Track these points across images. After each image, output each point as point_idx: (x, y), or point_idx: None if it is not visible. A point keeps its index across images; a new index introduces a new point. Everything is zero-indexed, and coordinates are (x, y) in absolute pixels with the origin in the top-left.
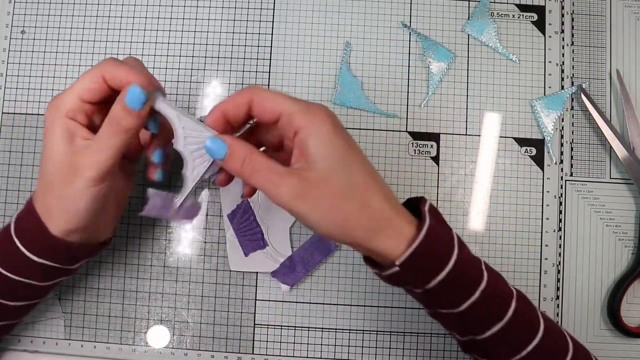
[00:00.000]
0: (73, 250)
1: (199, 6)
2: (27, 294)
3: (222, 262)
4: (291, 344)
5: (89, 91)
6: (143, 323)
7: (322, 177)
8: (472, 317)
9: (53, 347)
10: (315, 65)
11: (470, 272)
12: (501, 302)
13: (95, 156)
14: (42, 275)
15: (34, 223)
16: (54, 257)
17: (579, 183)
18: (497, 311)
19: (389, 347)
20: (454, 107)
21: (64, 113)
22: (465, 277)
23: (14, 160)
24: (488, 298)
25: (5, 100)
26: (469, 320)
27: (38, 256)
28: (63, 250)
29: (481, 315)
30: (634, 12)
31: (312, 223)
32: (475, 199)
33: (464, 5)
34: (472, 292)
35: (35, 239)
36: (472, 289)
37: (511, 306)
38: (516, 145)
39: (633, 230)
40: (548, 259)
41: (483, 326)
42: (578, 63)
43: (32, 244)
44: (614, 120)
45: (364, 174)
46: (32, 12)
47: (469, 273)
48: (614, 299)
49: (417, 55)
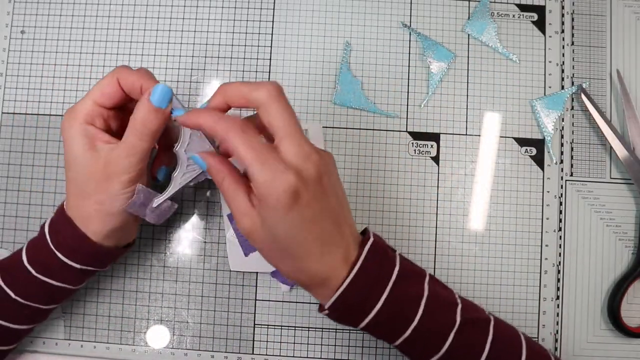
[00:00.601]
0: (109, 253)
1: (199, 6)
2: (61, 297)
3: (222, 262)
4: (291, 344)
5: (104, 95)
6: (143, 323)
7: (265, 233)
8: (408, 351)
9: (53, 347)
10: (315, 65)
11: (401, 310)
12: (437, 336)
13: (128, 159)
14: (77, 280)
15: (72, 232)
16: (93, 261)
17: (579, 183)
18: (433, 345)
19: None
20: (454, 107)
21: (82, 119)
22: (395, 318)
23: (13, 160)
24: (422, 334)
25: (5, 100)
26: (406, 352)
27: (78, 263)
28: (101, 254)
29: (416, 349)
30: (634, 12)
31: None
32: (475, 199)
33: (464, 5)
34: (403, 330)
35: (76, 247)
36: (403, 328)
37: (448, 339)
38: (516, 145)
39: (633, 230)
40: (548, 259)
41: (423, 356)
42: (578, 63)
43: (73, 253)
44: (614, 120)
45: (306, 247)
46: (32, 12)
47: (398, 313)
48: (614, 299)
49: (417, 55)
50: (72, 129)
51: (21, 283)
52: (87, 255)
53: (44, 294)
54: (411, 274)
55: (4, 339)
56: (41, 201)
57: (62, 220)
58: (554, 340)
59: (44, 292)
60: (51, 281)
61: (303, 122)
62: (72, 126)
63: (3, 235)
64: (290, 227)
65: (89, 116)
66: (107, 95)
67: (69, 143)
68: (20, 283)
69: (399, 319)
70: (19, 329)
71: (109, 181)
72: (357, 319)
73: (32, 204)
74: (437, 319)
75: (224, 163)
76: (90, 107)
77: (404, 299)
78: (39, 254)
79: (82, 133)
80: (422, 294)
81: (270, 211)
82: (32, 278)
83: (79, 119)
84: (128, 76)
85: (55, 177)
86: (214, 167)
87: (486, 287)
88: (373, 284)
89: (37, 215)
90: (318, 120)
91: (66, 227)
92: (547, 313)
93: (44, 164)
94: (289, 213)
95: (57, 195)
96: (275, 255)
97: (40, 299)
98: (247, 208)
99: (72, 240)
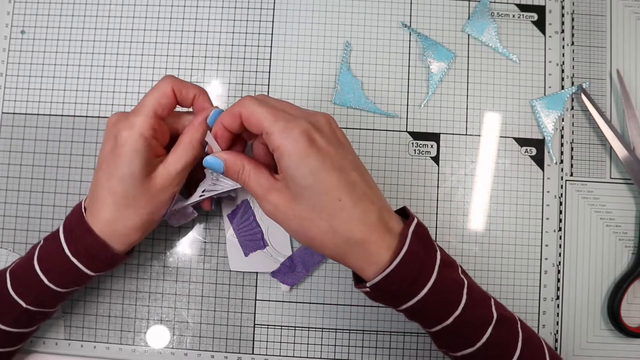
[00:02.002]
0: (121, 259)
1: (199, 6)
2: (66, 297)
3: (222, 262)
4: (291, 344)
5: (162, 106)
6: (143, 323)
7: (292, 197)
8: (445, 338)
9: (53, 347)
10: (315, 65)
11: (446, 298)
12: (476, 328)
13: (183, 174)
14: (86, 281)
15: (93, 241)
16: (107, 268)
17: (579, 183)
18: (470, 336)
19: (389, 347)
20: (454, 107)
21: (147, 134)
22: (439, 304)
23: (13, 160)
24: (461, 324)
25: (5, 100)
26: (442, 340)
27: (94, 271)
28: (119, 262)
29: (454, 338)
30: (634, 12)
31: (290, 235)
32: (475, 199)
33: (464, 5)
34: (446, 317)
35: (95, 255)
36: (446, 315)
37: (486, 333)
38: (516, 145)
39: (633, 230)
40: (548, 259)
41: (456, 347)
42: (578, 63)
43: (95, 264)
44: (614, 120)
45: (334, 196)
46: (32, 12)
47: (443, 300)
48: (614, 299)
49: (417, 55)
50: (137, 143)
51: (34, 293)
52: (107, 265)
53: (55, 299)
54: (448, 261)
55: (9, 342)
56: (41, 201)
57: (82, 228)
58: (554, 340)
59: (55, 297)
60: (62, 290)
61: None
62: (136, 140)
63: (3, 235)
64: (312, 171)
65: (152, 130)
66: (164, 107)
67: (128, 157)
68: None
69: (444, 304)
70: (26, 331)
71: (163, 193)
72: (399, 301)
73: (32, 204)
74: (477, 311)
75: (238, 154)
76: (152, 120)
77: (448, 285)
78: (53, 261)
79: (146, 148)
80: (463, 282)
81: (291, 160)
82: (44, 287)
83: (145, 133)
84: (184, 88)
85: (55, 177)
86: (230, 159)
87: (486, 287)
88: (421, 266)
89: (37, 215)
90: None
91: (85, 236)
92: (547, 313)
93: (44, 164)
94: (309, 156)
95: (57, 195)
96: (306, 220)
97: (52, 305)
98: (271, 181)
99: (92, 249)
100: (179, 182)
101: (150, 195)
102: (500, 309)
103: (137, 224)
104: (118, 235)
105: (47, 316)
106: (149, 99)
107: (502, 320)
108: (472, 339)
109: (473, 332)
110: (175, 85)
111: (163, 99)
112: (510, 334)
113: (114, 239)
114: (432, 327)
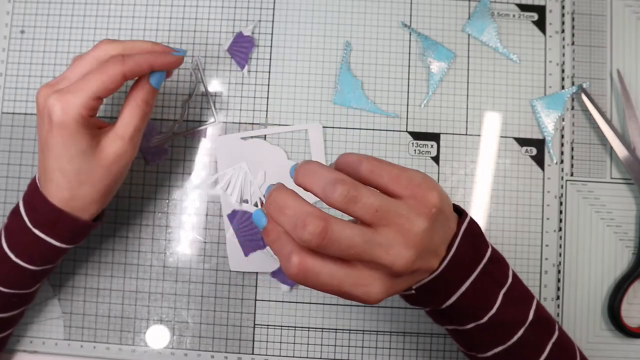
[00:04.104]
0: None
1: (198, 6)
2: (41, 277)
3: (222, 262)
4: (291, 344)
5: (107, 90)
6: (143, 323)
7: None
8: (476, 337)
9: (52, 347)
10: (315, 65)
11: (481, 299)
12: (507, 327)
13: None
14: (57, 256)
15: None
16: (77, 238)
17: (579, 183)
18: (502, 335)
19: (389, 347)
20: (454, 107)
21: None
22: (475, 303)
23: (13, 160)
24: (495, 323)
25: (5, 100)
26: (473, 339)
27: (61, 242)
28: (87, 230)
29: (485, 337)
30: (634, 12)
31: None
32: (475, 199)
33: (464, 5)
34: (481, 317)
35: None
36: (481, 314)
37: (517, 333)
38: (516, 145)
39: (634, 230)
40: (548, 259)
41: (486, 347)
42: (578, 63)
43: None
44: (614, 120)
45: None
46: (31, 12)
47: (479, 299)
48: (615, 299)
49: (417, 55)
50: (77, 125)
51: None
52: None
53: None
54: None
55: None
56: None
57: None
58: None
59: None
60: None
61: (303, 122)
62: (76, 122)
63: None
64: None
65: (91, 110)
66: (109, 91)
67: (72, 137)
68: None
69: (477, 305)
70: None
71: (119, 162)
72: (440, 300)
73: None
74: (508, 312)
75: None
76: (92, 102)
77: (483, 285)
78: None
79: (88, 124)
80: (506, 281)
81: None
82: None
83: (84, 112)
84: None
85: None
86: None
87: None
88: (465, 267)
89: None
90: (318, 120)
91: (43, 205)
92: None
93: None
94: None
95: None
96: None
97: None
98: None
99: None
100: (133, 147)
101: (104, 167)
102: (541, 310)
103: (96, 198)
104: (77, 210)
105: (24, 301)
106: (94, 81)
107: (537, 322)
108: (504, 337)
109: (505, 329)
110: (127, 72)
111: (110, 84)
112: (540, 336)
113: (74, 212)
114: (465, 324)
